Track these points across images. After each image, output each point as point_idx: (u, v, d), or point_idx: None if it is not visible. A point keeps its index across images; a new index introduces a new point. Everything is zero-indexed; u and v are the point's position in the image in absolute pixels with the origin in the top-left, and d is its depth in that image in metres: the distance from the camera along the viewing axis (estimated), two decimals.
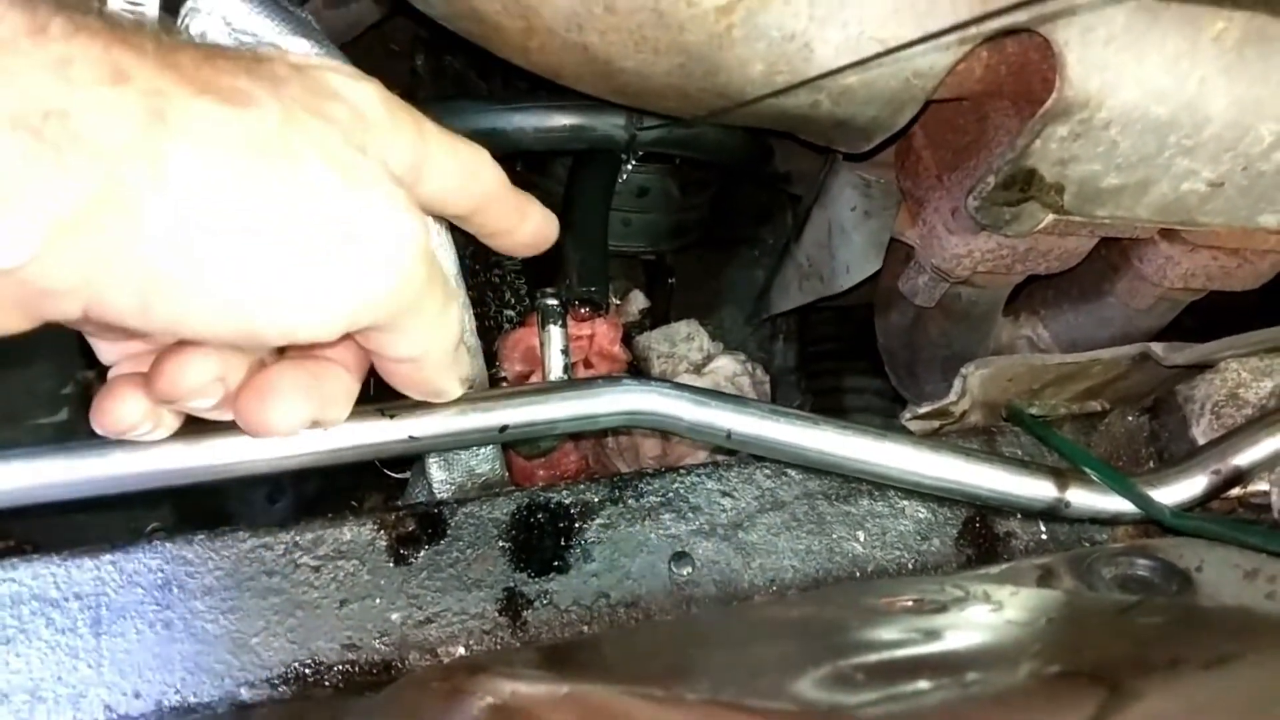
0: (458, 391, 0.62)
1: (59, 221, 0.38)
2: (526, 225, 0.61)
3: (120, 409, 0.52)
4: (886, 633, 0.59)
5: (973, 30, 0.71)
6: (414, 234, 0.47)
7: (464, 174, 0.55)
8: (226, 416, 0.54)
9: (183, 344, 0.49)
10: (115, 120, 0.38)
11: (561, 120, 0.91)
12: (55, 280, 0.40)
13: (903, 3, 0.69)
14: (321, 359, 0.54)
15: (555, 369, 0.88)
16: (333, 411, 0.55)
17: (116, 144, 0.39)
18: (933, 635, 0.57)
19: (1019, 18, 0.68)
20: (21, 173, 0.37)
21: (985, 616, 0.60)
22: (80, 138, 0.38)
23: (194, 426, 0.71)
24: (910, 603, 0.63)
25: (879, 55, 0.67)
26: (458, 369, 0.59)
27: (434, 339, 0.53)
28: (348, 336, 0.49)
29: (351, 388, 0.56)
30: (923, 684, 0.48)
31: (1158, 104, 0.76)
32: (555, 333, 0.87)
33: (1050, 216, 0.85)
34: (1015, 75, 0.80)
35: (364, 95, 0.49)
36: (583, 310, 1.03)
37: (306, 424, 0.53)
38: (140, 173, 0.39)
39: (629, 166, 1.05)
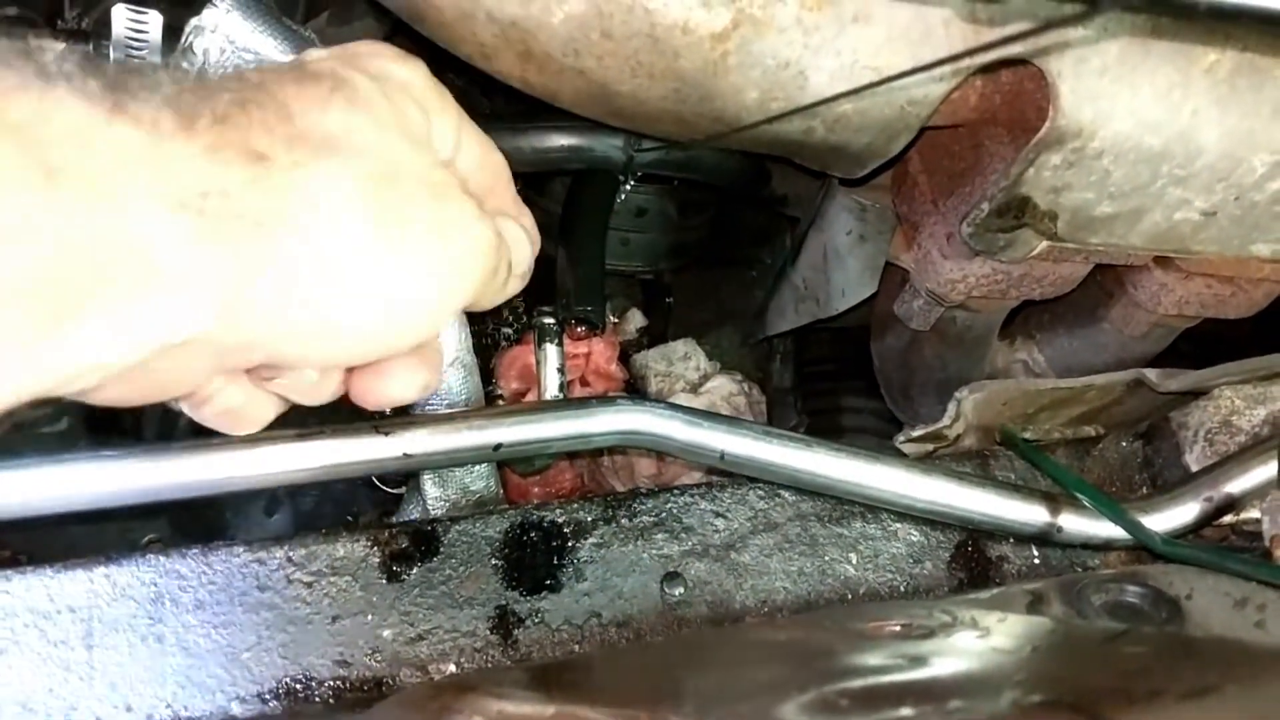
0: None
1: (232, 289, 0.43)
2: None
3: None
4: (873, 658, 0.59)
5: (967, 61, 0.71)
6: (491, 239, 0.53)
7: (483, 154, 0.58)
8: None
9: None
10: (265, 195, 0.43)
11: (560, 141, 0.92)
12: (239, 338, 0.45)
13: (897, 32, 0.70)
14: None
15: (551, 387, 0.88)
16: (438, 374, 0.60)
17: (270, 214, 0.43)
18: (918, 661, 0.57)
19: (1013, 49, 0.69)
20: (192, 249, 0.41)
21: (971, 643, 0.60)
22: (240, 213, 0.42)
23: (191, 441, 0.72)
24: (898, 627, 0.63)
25: (873, 84, 0.68)
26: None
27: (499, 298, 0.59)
28: None
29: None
30: (906, 711, 0.48)
31: (1150, 134, 0.77)
32: (551, 351, 0.88)
33: (1044, 243, 0.86)
34: (1010, 104, 0.80)
35: (419, 83, 0.54)
36: (579, 329, 1.04)
37: (422, 393, 0.57)
38: (294, 238, 0.44)
39: (627, 187, 1.06)
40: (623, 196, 1.07)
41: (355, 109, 0.48)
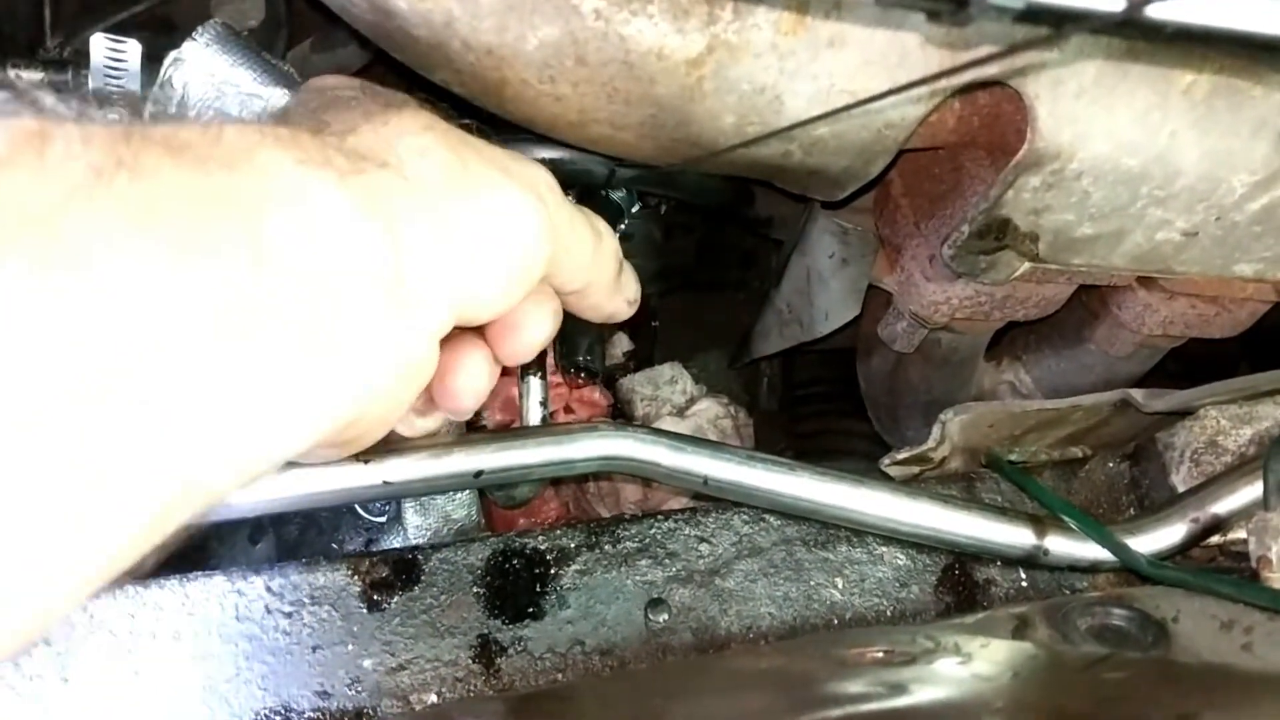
0: (626, 314, 0.68)
1: (382, 224, 0.44)
2: None
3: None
4: (854, 686, 0.58)
5: (943, 83, 0.72)
6: (547, 173, 0.56)
7: None
8: None
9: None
10: (372, 148, 0.47)
11: (541, 155, 0.92)
12: (427, 289, 0.47)
13: (873, 56, 0.70)
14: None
15: (533, 420, 0.87)
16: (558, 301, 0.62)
17: (388, 158, 0.47)
18: (898, 689, 0.56)
19: (988, 71, 0.69)
20: (332, 191, 0.42)
21: (953, 670, 0.59)
22: (360, 160, 0.45)
23: None
24: (881, 654, 0.63)
25: (848, 107, 0.68)
26: (621, 294, 0.66)
27: (593, 273, 0.61)
28: None
29: None
30: None
31: (1129, 156, 0.77)
32: (534, 384, 0.87)
33: (1026, 265, 0.85)
34: (988, 126, 0.81)
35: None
36: (579, 377, 1.03)
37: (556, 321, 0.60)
38: (409, 182, 0.47)
39: (621, 226, 1.06)
40: (622, 226, 1.07)
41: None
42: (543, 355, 0.91)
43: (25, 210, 0.32)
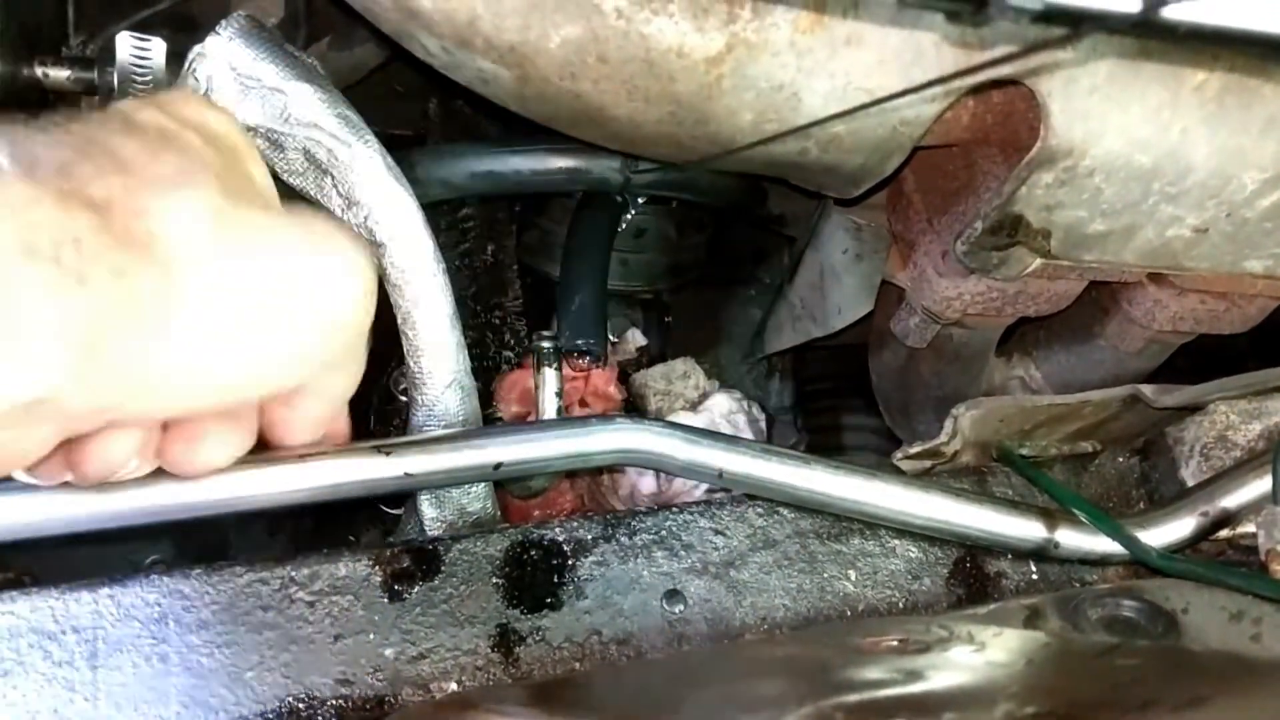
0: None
1: (89, 343, 0.40)
2: None
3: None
4: (870, 672, 0.59)
5: (958, 82, 0.72)
6: (367, 253, 0.52)
7: None
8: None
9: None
10: (116, 241, 0.41)
11: (558, 163, 0.93)
12: (91, 397, 0.42)
13: (889, 54, 0.71)
14: None
15: (548, 411, 0.88)
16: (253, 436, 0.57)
17: (125, 260, 0.41)
18: (914, 676, 0.57)
19: (1002, 70, 0.70)
20: (42, 299, 0.38)
21: (967, 657, 0.60)
22: (96, 261, 0.40)
23: None
24: (895, 642, 0.64)
25: (865, 105, 0.69)
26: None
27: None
28: None
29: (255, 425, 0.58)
30: None
31: (1141, 153, 0.78)
32: (549, 375, 0.88)
33: (1037, 261, 0.86)
34: (1002, 124, 0.81)
35: (234, 132, 0.53)
36: (581, 361, 1.04)
37: (237, 453, 0.56)
38: (150, 282, 0.43)
39: (629, 215, 1.06)
40: (624, 226, 1.07)
41: (184, 154, 0.48)
42: (560, 351, 0.92)
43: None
